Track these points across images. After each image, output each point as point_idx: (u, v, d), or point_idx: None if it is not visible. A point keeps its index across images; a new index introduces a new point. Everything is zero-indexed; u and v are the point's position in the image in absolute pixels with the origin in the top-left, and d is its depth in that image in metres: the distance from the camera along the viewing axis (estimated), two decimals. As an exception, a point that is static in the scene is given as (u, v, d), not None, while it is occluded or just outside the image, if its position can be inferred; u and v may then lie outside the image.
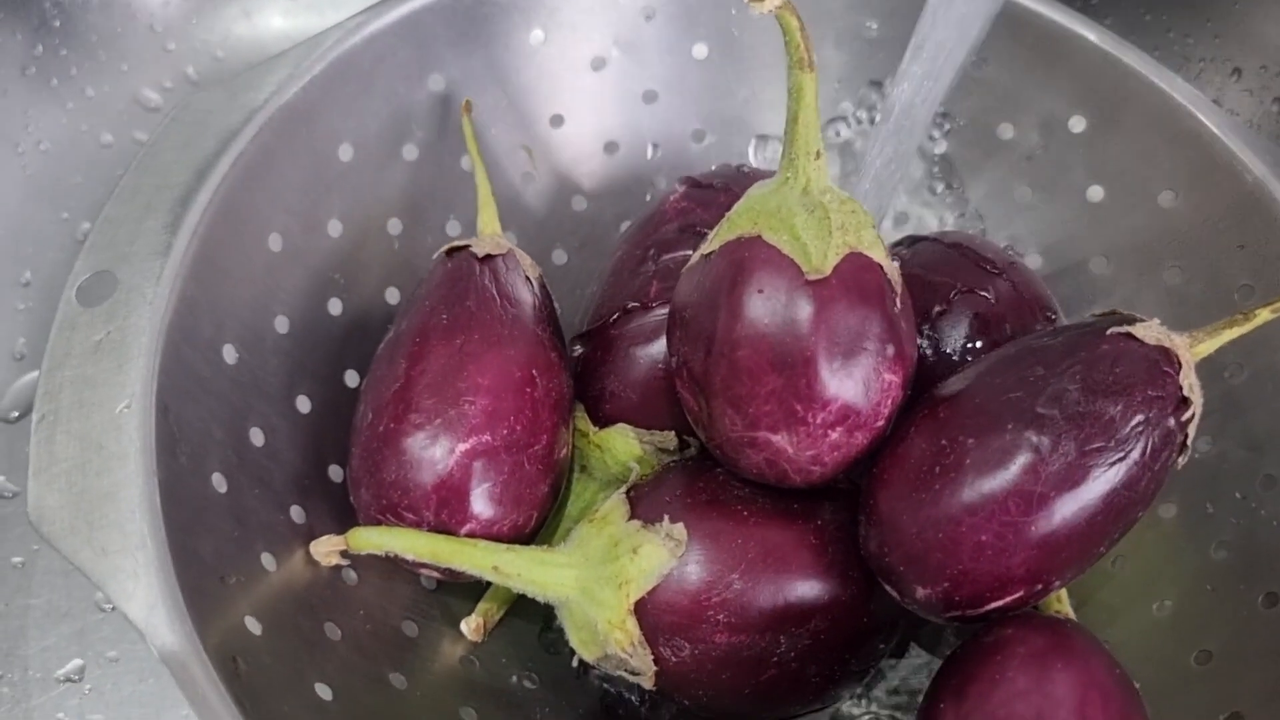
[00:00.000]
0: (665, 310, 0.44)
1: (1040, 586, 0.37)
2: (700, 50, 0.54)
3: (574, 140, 0.54)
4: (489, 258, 0.44)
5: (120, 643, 0.51)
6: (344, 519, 0.43)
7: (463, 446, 0.39)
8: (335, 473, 0.45)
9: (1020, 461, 0.35)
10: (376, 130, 0.48)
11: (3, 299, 0.59)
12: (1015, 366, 0.38)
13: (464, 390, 0.40)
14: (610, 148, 0.54)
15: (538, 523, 0.43)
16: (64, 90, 0.62)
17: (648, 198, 0.55)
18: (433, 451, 0.39)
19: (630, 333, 0.45)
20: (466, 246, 0.44)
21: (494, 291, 0.43)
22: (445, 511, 0.40)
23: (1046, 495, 0.35)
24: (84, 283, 0.40)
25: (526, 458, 0.41)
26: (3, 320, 0.58)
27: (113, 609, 0.52)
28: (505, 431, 0.40)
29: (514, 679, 0.45)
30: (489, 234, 0.46)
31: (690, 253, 0.45)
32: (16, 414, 0.57)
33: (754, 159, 0.55)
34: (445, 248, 0.45)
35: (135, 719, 0.49)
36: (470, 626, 0.44)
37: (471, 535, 0.40)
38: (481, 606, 0.45)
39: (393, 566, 0.44)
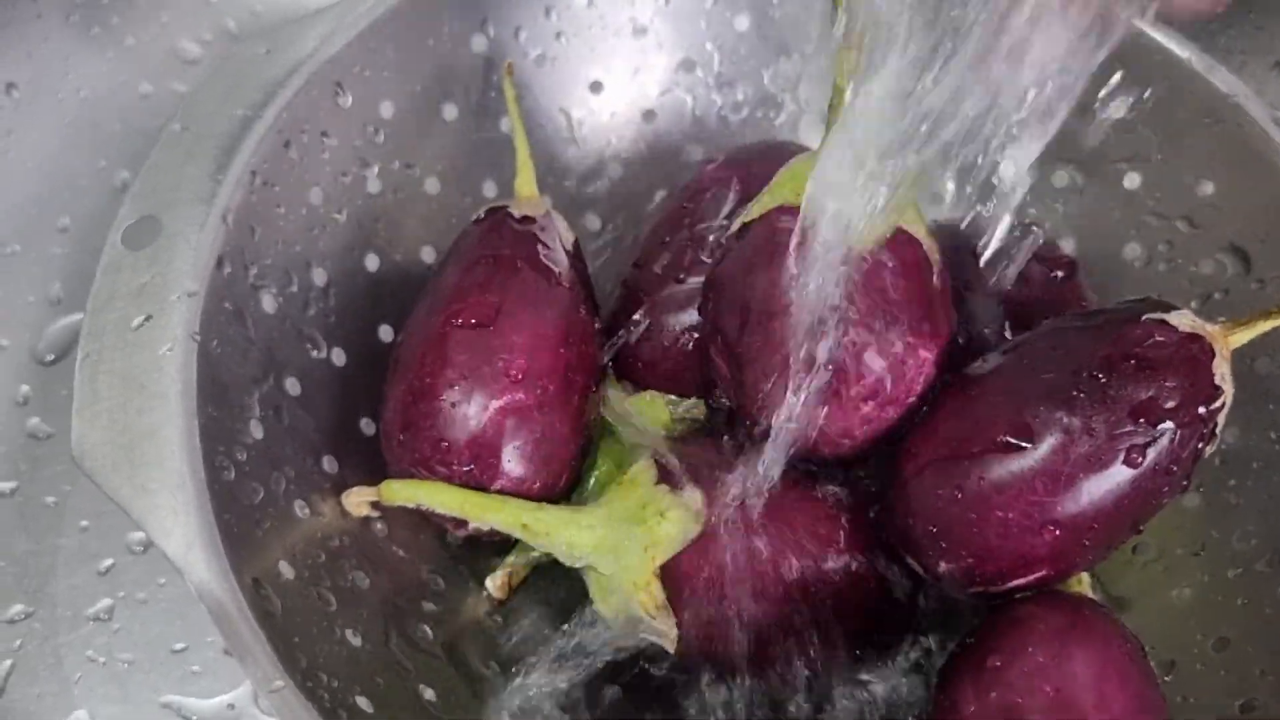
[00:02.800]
0: (699, 279, 0.44)
1: (1064, 567, 0.37)
2: (742, 22, 0.53)
3: (612, 107, 0.54)
4: (527, 219, 0.44)
5: (149, 584, 0.51)
6: (375, 471, 0.43)
7: (497, 403, 0.40)
8: (367, 426, 0.45)
9: (1049, 442, 0.35)
10: (418, 89, 0.48)
11: (40, 244, 0.59)
12: (1048, 348, 0.38)
13: (500, 348, 0.40)
14: (648, 116, 0.54)
15: (567, 483, 0.43)
16: (104, 39, 0.62)
17: (683, 167, 0.55)
18: (467, 407, 0.40)
19: (663, 301, 0.46)
20: (504, 207, 0.45)
21: (531, 252, 0.43)
22: (477, 467, 0.40)
23: (1074, 476, 0.35)
24: (129, 227, 0.40)
25: (559, 417, 0.41)
26: (40, 265, 0.58)
27: (143, 550, 0.52)
28: (539, 390, 0.40)
29: (542, 637, 0.46)
30: (526, 196, 0.46)
31: (726, 223, 0.45)
32: (52, 357, 0.57)
33: (795, 133, 0.55)
34: (484, 208, 0.45)
35: (163, 660, 0.50)
36: (495, 584, 0.45)
37: (502, 492, 0.41)
38: (508, 562, 0.46)
39: (421, 522, 0.45)
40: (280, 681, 0.33)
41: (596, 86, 0.53)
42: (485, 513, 0.40)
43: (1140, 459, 0.35)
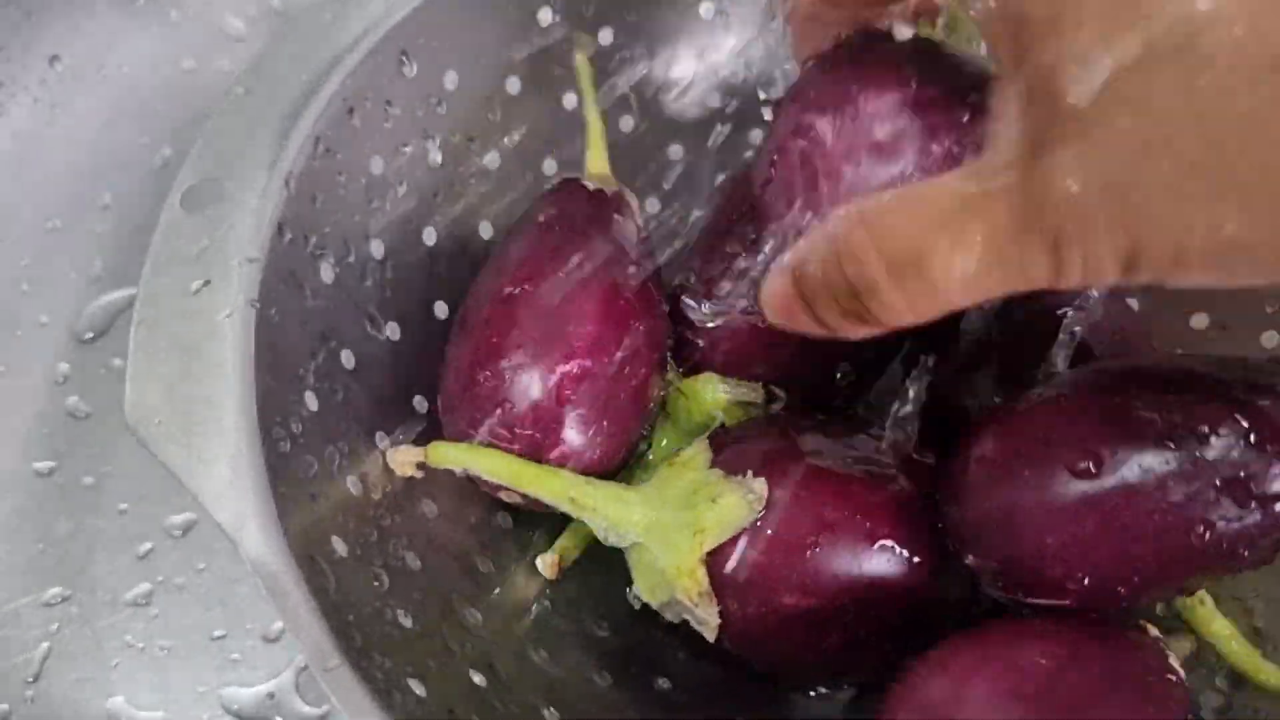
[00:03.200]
0: (760, 260, 0.43)
1: (1096, 600, 0.35)
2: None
3: (678, 86, 0.53)
4: (600, 192, 0.43)
5: (188, 570, 0.51)
6: (421, 444, 0.42)
7: (564, 368, 0.39)
8: (420, 403, 0.44)
9: (1115, 479, 0.33)
10: (482, 60, 0.47)
11: (81, 221, 0.58)
12: (1159, 384, 0.34)
13: (570, 314, 0.39)
14: (711, 95, 0.53)
15: (623, 459, 0.42)
16: (148, 13, 0.61)
17: (748, 155, 0.53)
18: (532, 371, 0.39)
19: (726, 279, 0.44)
20: (577, 179, 0.44)
21: (604, 224, 0.42)
22: (539, 431, 0.39)
23: (1134, 530, 0.32)
24: (189, 189, 0.39)
25: (623, 390, 0.40)
26: (81, 242, 0.58)
27: (182, 535, 0.51)
28: (606, 360, 0.39)
29: (587, 625, 0.44)
30: (597, 173, 0.45)
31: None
32: (91, 334, 0.56)
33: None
34: (559, 178, 0.44)
35: (202, 647, 0.49)
36: (546, 563, 0.43)
37: (561, 459, 0.39)
38: (559, 544, 0.44)
39: (469, 501, 0.44)
40: (336, 659, 0.32)
41: (664, 64, 0.52)
42: (533, 483, 0.39)
43: (1208, 533, 0.32)
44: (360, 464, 0.40)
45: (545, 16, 0.48)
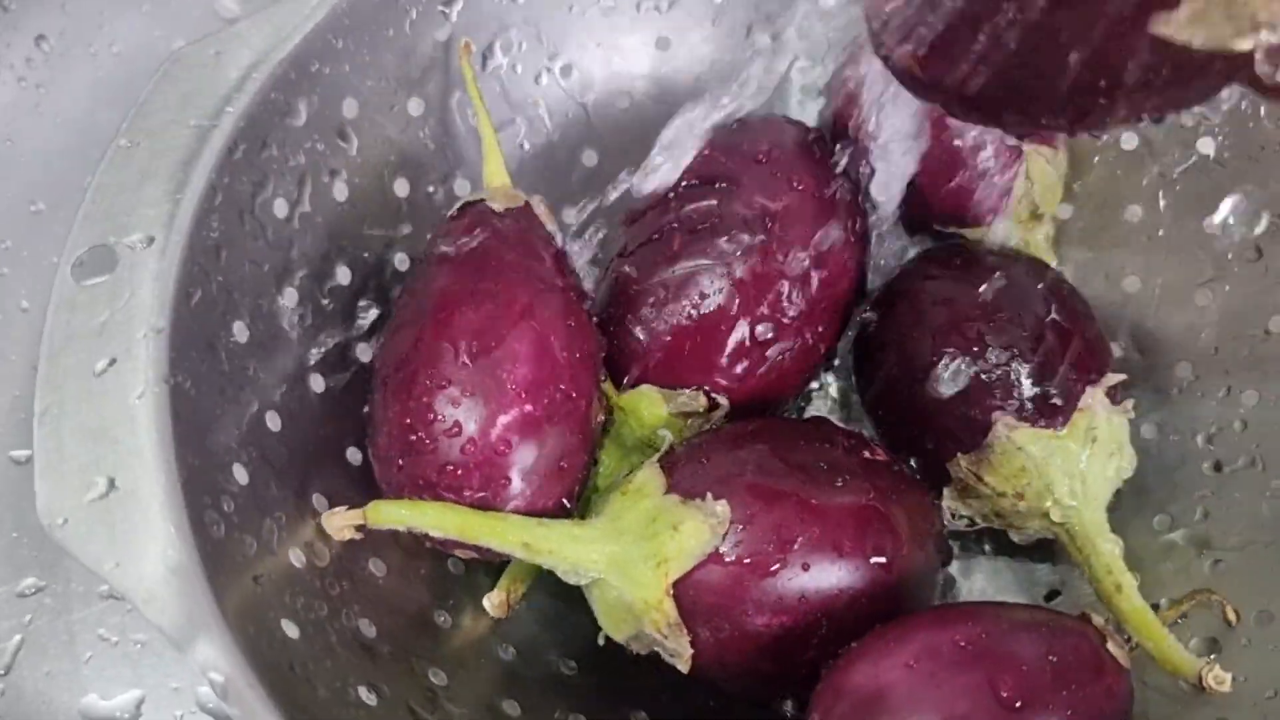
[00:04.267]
0: (691, 263, 0.42)
1: None
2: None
3: (584, 90, 0.51)
4: (509, 211, 0.41)
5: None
6: (367, 503, 0.40)
7: (505, 419, 0.37)
8: (353, 454, 0.42)
9: None
10: (380, 83, 0.44)
11: (66, 203, 0.54)
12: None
13: (502, 358, 0.37)
14: (622, 97, 0.51)
15: (577, 493, 0.40)
16: None
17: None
18: (473, 426, 0.36)
19: (653, 287, 0.43)
20: (482, 200, 0.41)
21: (519, 248, 0.40)
22: (489, 489, 0.37)
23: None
24: (81, 257, 0.36)
25: (568, 426, 0.38)
26: (65, 225, 0.53)
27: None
28: (546, 400, 0.38)
29: (554, 666, 0.43)
30: (498, 185, 0.43)
31: (714, 202, 0.43)
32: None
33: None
34: (459, 203, 0.42)
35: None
36: (494, 603, 0.42)
37: (516, 512, 0.38)
38: (504, 581, 0.42)
39: (418, 554, 0.42)
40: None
41: (566, 70, 0.50)
42: (483, 533, 0.37)
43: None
44: (300, 532, 0.38)
45: (443, 31, 0.46)
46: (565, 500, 0.39)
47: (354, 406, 0.42)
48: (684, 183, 0.45)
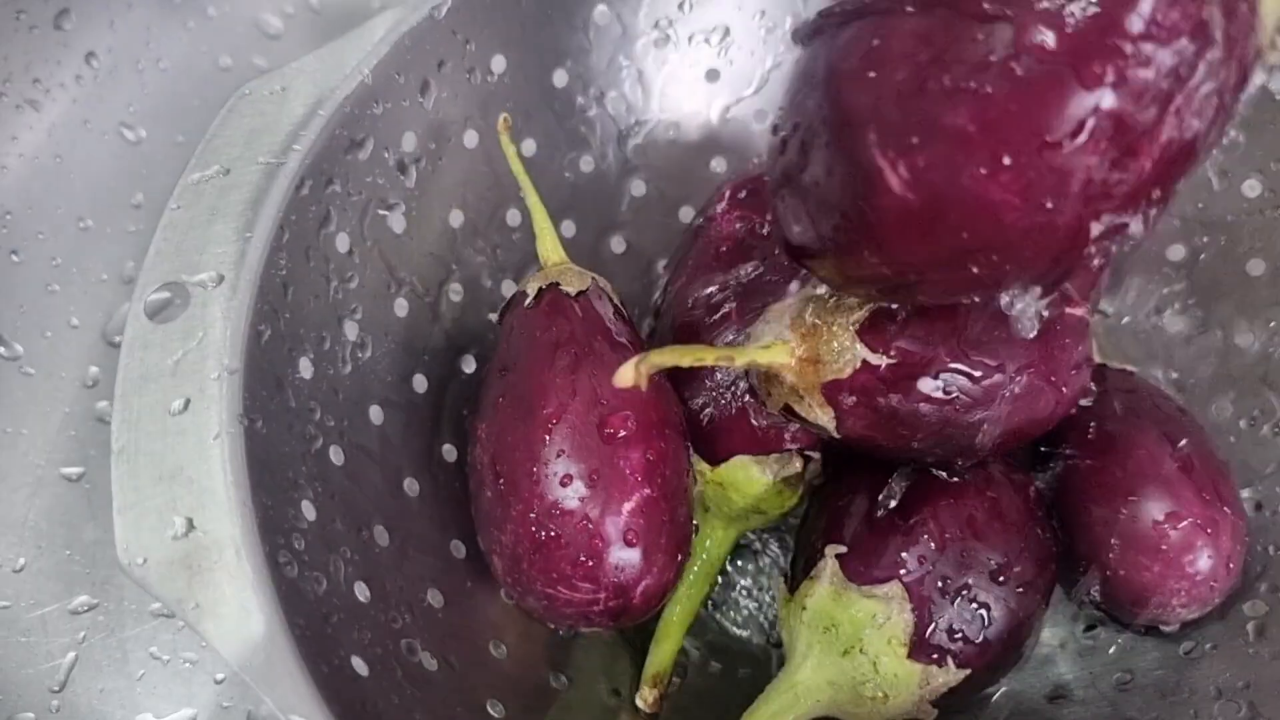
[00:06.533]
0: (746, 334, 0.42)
1: None
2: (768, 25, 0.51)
3: (633, 120, 0.51)
4: (582, 295, 0.42)
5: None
6: (425, 536, 0.41)
7: (629, 505, 0.38)
8: (410, 486, 0.42)
9: None
10: (440, 118, 0.45)
11: (114, 220, 0.57)
12: None
13: (616, 447, 0.38)
14: (671, 128, 0.52)
15: (686, 560, 0.41)
16: (186, 9, 0.59)
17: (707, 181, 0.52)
18: (601, 517, 0.38)
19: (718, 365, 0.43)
20: (556, 284, 0.42)
21: (603, 331, 0.41)
22: (622, 574, 0.38)
23: None
24: (153, 296, 0.36)
25: (679, 501, 0.40)
26: (114, 242, 0.56)
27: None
28: (660, 480, 0.39)
29: (602, 694, 0.44)
30: (556, 262, 0.43)
31: (757, 263, 0.43)
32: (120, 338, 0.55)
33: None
34: (533, 289, 0.42)
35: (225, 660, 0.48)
36: (647, 701, 0.43)
37: (647, 591, 0.39)
38: (651, 670, 0.43)
39: (479, 584, 0.42)
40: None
41: (617, 100, 0.50)
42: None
43: None
44: (367, 566, 0.38)
45: (499, 63, 0.46)
46: (682, 569, 0.41)
47: (410, 438, 0.42)
48: (722, 253, 0.46)
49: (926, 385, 0.37)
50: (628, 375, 0.35)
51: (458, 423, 0.45)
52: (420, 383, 0.44)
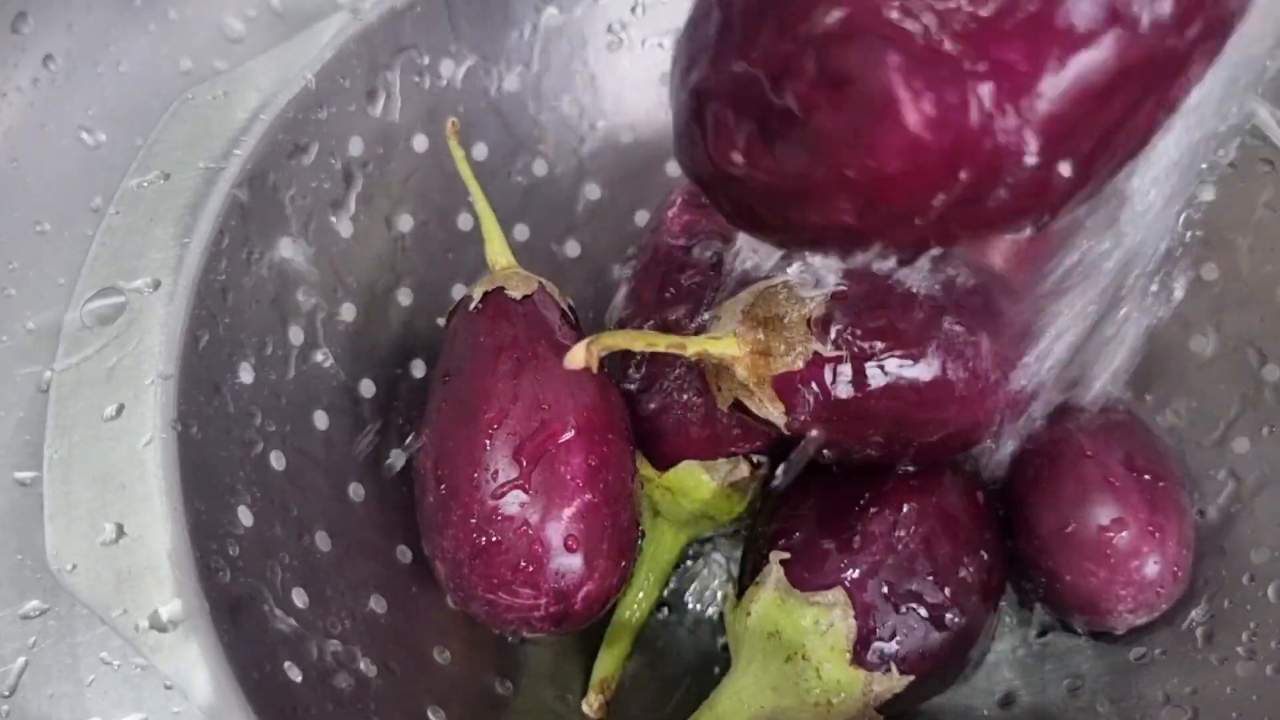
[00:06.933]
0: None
1: None
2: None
3: (587, 123, 0.51)
4: (525, 299, 0.42)
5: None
6: (369, 542, 0.41)
7: (570, 511, 0.38)
8: (355, 491, 0.42)
9: None
10: (387, 122, 0.45)
11: (72, 224, 0.55)
12: None
13: (558, 453, 0.38)
14: (626, 131, 0.52)
15: (630, 565, 0.41)
16: (147, 12, 0.58)
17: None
18: (541, 522, 0.38)
19: (674, 363, 0.43)
20: (500, 289, 0.42)
21: (548, 336, 0.41)
22: (563, 580, 0.38)
23: None
24: (90, 301, 0.36)
25: (623, 506, 0.40)
26: (71, 246, 0.54)
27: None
28: (603, 486, 0.39)
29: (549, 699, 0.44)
30: (504, 266, 0.43)
31: (709, 265, 0.44)
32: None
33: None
34: (477, 296, 0.42)
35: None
36: (592, 706, 0.43)
37: (588, 596, 0.38)
38: (596, 683, 0.43)
39: (422, 588, 0.42)
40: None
41: (572, 103, 0.50)
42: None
43: None
44: (305, 574, 0.38)
45: (448, 68, 0.46)
46: (626, 574, 0.41)
47: (356, 442, 0.42)
48: (673, 254, 0.45)
49: (878, 378, 0.37)
50: (579, 356, 0.35)
51: (406, 427, 0.45)
52: (368, 387, 0.44)
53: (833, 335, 0.37)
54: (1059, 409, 0.45)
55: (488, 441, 0.38)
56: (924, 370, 0.38)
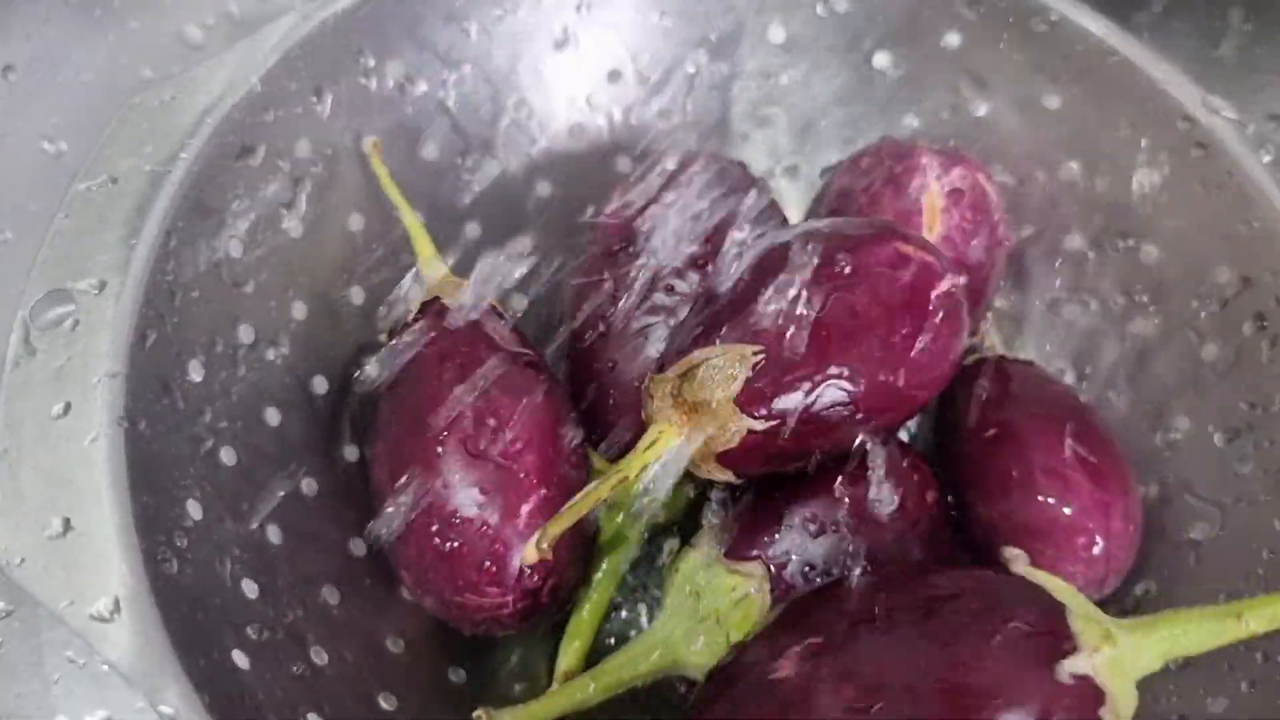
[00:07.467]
0: (641, 325, 0.44)
1: None
2: (666, 25, 0.52)
3: (536, 121, 0.52)
4: (461, 307, 0.43)
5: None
6: (320, 537, 0.42)
7: (527, 508, 0.39)
8: (308, 486, 0.43)
9: None
10: (335, 124, 0.45)
11: (35, 233, 0.54)
12: None
13: (511, 452, 0.39)
14: (575, 129, 0.52)
15: (592, 554, 0.43)
16: (106, 21, 0.59)
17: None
18: (500, 522, 0.39)
19: (618, 358, 0.44)
20: (436, 300, 0.43)
21: (485, 341, 0.42)
22: (527, 577, 0.39)
23: None
24: (38, 302, 0.37)
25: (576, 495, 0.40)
26: (32, 254, 0.54)
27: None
28: (557, 479, 0.40)
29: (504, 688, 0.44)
30: (440, 277, 0.45)
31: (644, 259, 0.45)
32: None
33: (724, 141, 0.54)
34: (415, 308, 0.44)
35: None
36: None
37: (554, 589, 0.40)
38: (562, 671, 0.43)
39: (377, 583, 0.43)
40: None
41: (519, 103, 0.51)
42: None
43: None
44: (255, 565, 0.39)
45: (396, 69, 0.47)
46: (586, 567, 0.42)
47: (310, 440, 0.43)
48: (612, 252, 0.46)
49: (814, 421, 0.37)
50: (532, 555, 0.38)
51: (360, 422, 0.46)
52: (320, 384, 0.45)
53: (761, 406, 0.37)
54: (1000, 394, 0.46)
55: (439, 448, 0.39)
56: (852, 386, 0.38)
